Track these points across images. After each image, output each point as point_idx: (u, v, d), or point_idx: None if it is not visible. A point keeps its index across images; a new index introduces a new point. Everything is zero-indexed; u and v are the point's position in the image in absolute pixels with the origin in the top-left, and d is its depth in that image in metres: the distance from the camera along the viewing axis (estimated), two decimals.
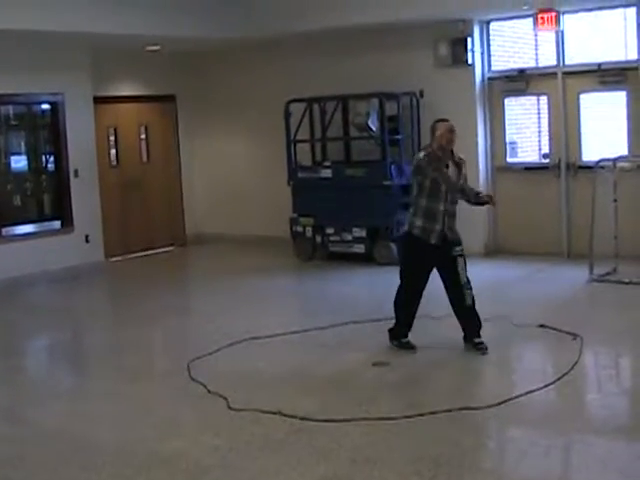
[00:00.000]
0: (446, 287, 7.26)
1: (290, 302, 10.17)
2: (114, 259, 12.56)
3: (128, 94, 13.00)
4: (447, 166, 7.10)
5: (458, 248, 7.17)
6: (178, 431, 5.89)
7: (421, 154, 7.17)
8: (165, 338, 8.74)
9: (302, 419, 5.83)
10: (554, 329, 7.67)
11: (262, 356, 7.51)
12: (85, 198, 11.97)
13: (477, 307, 7.25)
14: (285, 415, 5.90)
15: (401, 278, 7.31)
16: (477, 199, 7.38)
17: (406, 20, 10.88)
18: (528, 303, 8.88)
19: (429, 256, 7.15)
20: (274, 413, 5.95)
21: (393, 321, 7.41)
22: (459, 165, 7.21)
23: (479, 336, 7.23)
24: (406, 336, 7.34)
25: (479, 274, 7.54)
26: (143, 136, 13.38)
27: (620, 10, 10.42)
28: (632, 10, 10.26)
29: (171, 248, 13.54)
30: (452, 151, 7.17)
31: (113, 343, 8.43)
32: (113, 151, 12.95)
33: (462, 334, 7.30)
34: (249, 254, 12.67)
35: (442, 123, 7.16)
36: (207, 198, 14.00)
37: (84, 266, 11.72)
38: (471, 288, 7.21)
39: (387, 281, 9.98)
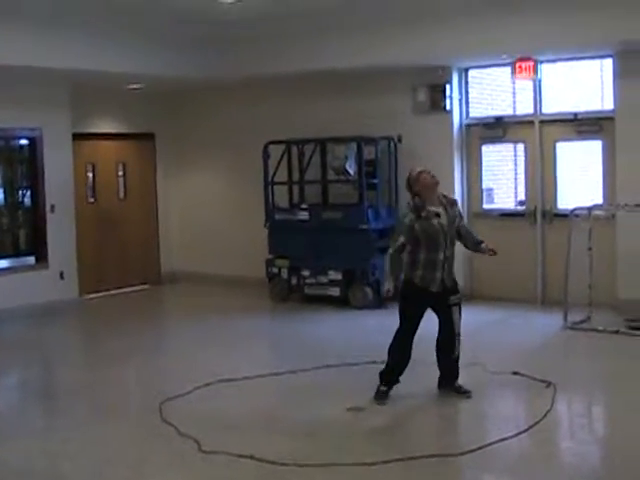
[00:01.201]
0: (439, 331, 7.24)
1: (264, 344, 10.12)
2: (88, 296, 12.46)
3: (107, 131, 12.99)
4: (438, 214, 7.02)
5: (454, 297, 7.16)
6: (149, 472, 5.82)
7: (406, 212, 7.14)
8: (137, 378, 8.66)
9: (274, 463, 5.77)
10: (528, 376, 7.68)
11: (234, 399, 7.45)
12: (61, 234, 11.90)
13: None
14: (257, 459, 5.85)
15: (401, 322, 7.18)
16: (477, 248, 7.35)
17: (385, 65, 10.97)
18: (502, 349, 8.90)
19: (428, 301, 7.11)
20: (246, 457, 5.89)
21: (368, 365, 7.37)
22: (452, 205, 7.16)
23: (457, 380, 7.24)
24: (388, 384, 7.19)
25: None
26: (121, 173, 13.36)
27: (597, 61, 10.57)
28: (608, 61, 10.41)
29: (146, 286, 13.48)
30: (444, 196, 7.20)
31: (85, 382, 8.34)
32: (90, 187, 12.91)
33: (436, 380, 7.31)
34: (224, 294, 12.62)
35: (417, 175, 7.06)
36: (183, 237, 13.96)
37: (58, 303, 11.62)
38: (460, 341, 7.21)
39: (362, 325, 10.03)
